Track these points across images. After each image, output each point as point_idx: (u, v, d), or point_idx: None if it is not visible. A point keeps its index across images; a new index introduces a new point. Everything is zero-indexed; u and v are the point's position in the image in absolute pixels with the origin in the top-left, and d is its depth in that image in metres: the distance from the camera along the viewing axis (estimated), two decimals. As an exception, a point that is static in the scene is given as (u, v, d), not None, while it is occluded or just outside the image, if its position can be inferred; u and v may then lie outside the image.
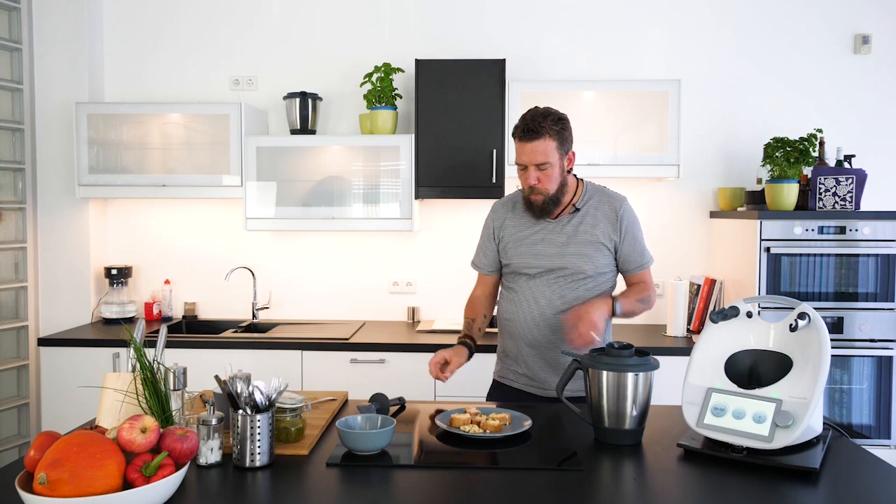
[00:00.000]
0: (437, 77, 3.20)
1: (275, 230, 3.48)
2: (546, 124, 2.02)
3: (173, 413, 1.55)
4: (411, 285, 3.56)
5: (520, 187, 2.16)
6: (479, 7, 3.51)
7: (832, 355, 1.61)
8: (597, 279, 2.13)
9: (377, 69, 3.31)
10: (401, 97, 3.43)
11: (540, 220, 2.15)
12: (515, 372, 2.21)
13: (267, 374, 1.72)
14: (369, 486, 1.47)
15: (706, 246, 3.52)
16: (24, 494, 1.19)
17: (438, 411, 1.88)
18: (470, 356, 2.17)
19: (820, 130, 3.13)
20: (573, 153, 2.14)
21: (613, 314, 2.08)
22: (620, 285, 2.25)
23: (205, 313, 3.65)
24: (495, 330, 2.35)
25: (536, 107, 2.10)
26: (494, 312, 2.33)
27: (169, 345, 2.87)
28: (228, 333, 3.25)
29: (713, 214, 3.48)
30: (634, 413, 1.69)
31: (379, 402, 1.88)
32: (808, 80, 3.46)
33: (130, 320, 3.47)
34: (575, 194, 2.16)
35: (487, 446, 1.68)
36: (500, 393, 2.25)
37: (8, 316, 3.43)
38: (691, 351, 1.74)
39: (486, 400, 2.30)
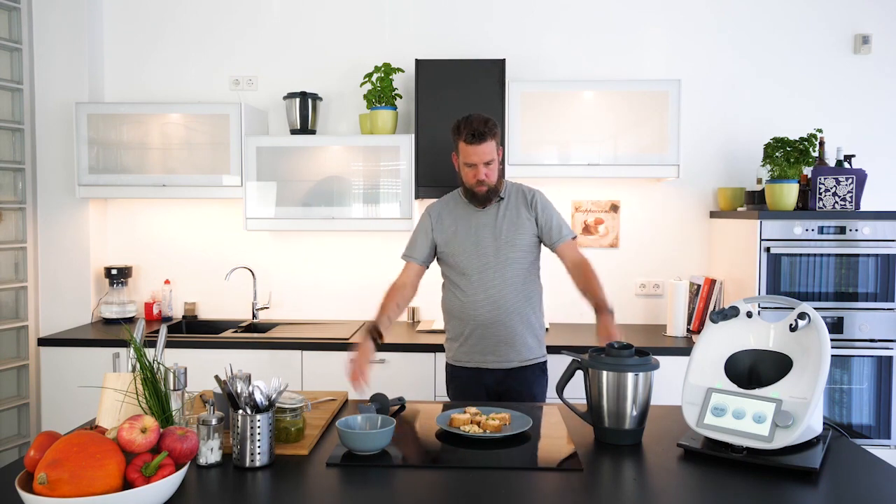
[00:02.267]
0: (437, 77, 3.20)
1: (275, 230, 3.48)
2: (488, 129, 2.32)
3: (173, 413, 1.55)
4: (411, 285, 3.56)
5: (466, 183, 2.41)
6: (479, 7, 3.51)
7: (832, 355, 1.61)
8: (527, 256, 2.41)
9: (377, 69, 3.31)
10: (401, 97, 3.43)
11: (471, 214, 2.43)
12: (468, 352, 2.43)
13: (267, 374, 1.72)
14: (369, 486, 1.47)
15: (706, 246, 3.52)
16: (24, 494, 1.19)
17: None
18: (377, 344, 2.33)
19: (820, 130, 3.13)
20: (501, 149, 2.45)
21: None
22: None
23: (205, 313, 3.65)
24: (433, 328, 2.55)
25: (471, 114, 2.37)
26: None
27: (169, 345, 2.86)
28: (228, 333, 3.25)
29: (713, 214, 3.48)
30: (634, 413, 1.69)
31: (379, 402, 1.88)
32: (808, 80, 3.46)
33: (130, 320, 3.47)
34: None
35: (487, 446, 1.68)
36: (457, 374, 2.48)
37: (8, 316, 3.43)
38: (691, 351, 1.74)
39: (446, 383, 2.53)
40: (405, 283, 2.48)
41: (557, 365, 2.84)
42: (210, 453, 1.53)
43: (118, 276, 3.48)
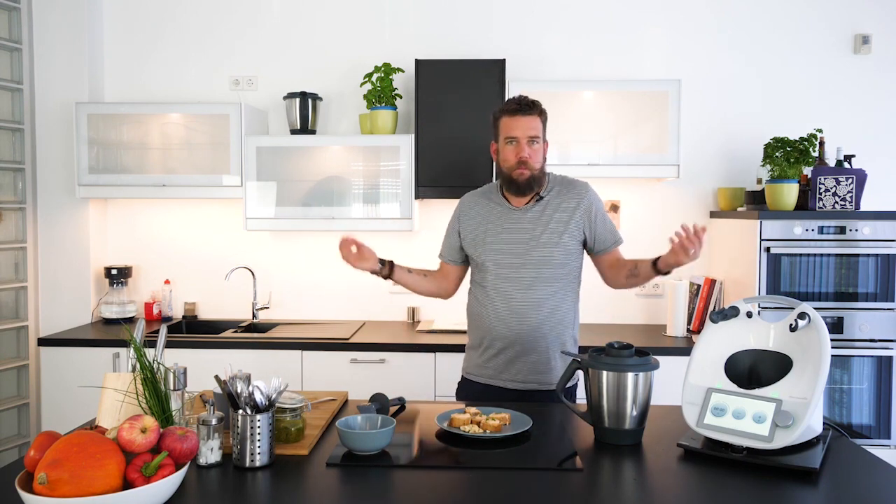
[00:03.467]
0: (437, 77, 3.20)
1: (275, 230, 3.48)
2: (536, 105, 2.13)
3: (173, 413, 1.55)
4: (411, 285, 3.55)
5: (505, 167, 2.15)
6: (480, 7, 3.51)
7: (832, 355, 1.61)
8: (563, 267, 2.16)
9: (377, 69, 3.31)
10: (401, 97, 3.43)
11: (504, 212, 2.20)
12: (481, 366, 2.24)
13: (267, 374, 1.72)
14: (369, 486, 1.47)
15: (706, 246, 3.49)
16: (24, 494, 1.19)
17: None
18: (381, 268, 2.29)
19: (820, 130, 3.13)
20: (547, 143, 2.20)
21: (665, 273, 2.09)
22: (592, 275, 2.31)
23: (205, 313, 3.65)
24: (463, 328, 2.39)
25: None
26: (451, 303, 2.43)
27: (169, 345, 2.86)
28: (228, 333, 3.25)
29: (713, 214, 3.48)
30: (634, 413, 1.69)
31: (379, 402, 1.88)
32: (808, 80, 3.46)
33: (130, 320, 3.47)
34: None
35: (487, 446, 1.67)
36: (468, 389, 2.28)
37: (8, 316, 3.42)
38: (691, 351, 1.74)
39: (456, 397, 2.34)
40: (442, 275, 2.37)
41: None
42: (210, 453, 1.52)
43: (118, 276, 3.48)
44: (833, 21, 3.44)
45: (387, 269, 2.29)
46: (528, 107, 2.10)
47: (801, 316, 1.61)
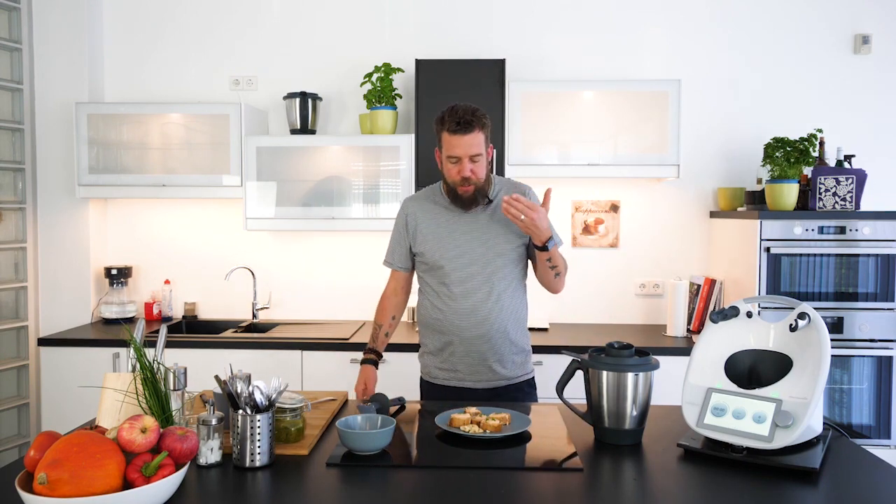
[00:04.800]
0: (437, 77, 3.20)
1: (275, 230, 3.48)
2: (476, 118, 2.06)
3: (173, 413, 1.55)
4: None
5: (449, 180, 2.13)
6: (480, 7, 3.51)
7: (832, 355, 1.61)
8: (516, 265, 2.19)
9: (377, 69, 3.31)
10: (401, 97, 3.43)
11: (455, 214, 2.18)
12: (448, 370, 2.21)
13: (267, 374, 1.72)
14: (369, 486, 1.47)
15: (706, 246, 3.52)
16: (24, 494, 1.19)
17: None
18: (377, 364, 2.26)
19: (820, 130, 3.13)
20: (492, 147, 2.21)
21: (545, 248, 2.05)
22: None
23: (205, 313, 3.65)
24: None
25: (457, 103, 2.11)
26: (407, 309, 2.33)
27: (169, 345, 2.87)
28: (228, 333, 3.25)
29: (713, 214, 3.48)
30: (634, 413, 1.69)
31: (379, 402, 1.88)
32: (808, 80, 3.46)
33: (130, 320, 3.47)
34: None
35: (487, 446, 1.68)
36: (434, 393, 2.25)
37: (8, 316, 3.43)
38: (691, 351, 1.74)
39: (421, 399, 2.30)
40: (396, 290, 2.33)
41: (557, 365, 2.85)
42: (210, 453, 1.53)
43: (118, 276, 3.48)
44: (833, 21, 3.44)
45: (376, 357, 2.27)
46: (468, 124, 2.04)
47: (801, 316, 1.61)
